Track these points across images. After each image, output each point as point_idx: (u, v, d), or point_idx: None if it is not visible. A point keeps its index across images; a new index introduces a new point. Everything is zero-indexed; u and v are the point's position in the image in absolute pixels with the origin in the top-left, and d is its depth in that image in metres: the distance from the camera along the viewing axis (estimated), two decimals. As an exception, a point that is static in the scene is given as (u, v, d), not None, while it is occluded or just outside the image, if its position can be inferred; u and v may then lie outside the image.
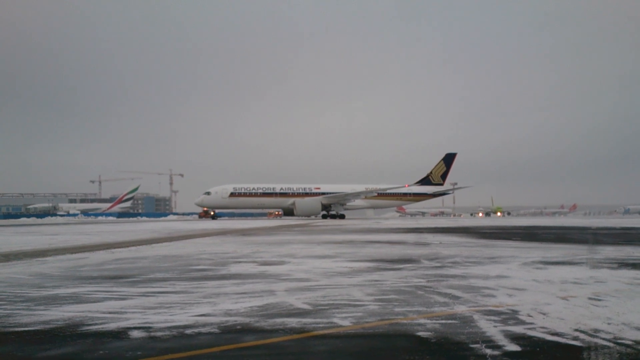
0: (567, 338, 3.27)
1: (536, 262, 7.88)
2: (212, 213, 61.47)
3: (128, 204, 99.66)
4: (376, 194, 57.49)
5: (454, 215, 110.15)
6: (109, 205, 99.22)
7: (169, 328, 3.60)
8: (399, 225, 29.07)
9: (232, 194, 52.03)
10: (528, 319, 3.81)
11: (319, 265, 7.65)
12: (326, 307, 4.32)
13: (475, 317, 3.91)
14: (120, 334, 3.46)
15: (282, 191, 54.04)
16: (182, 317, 3.98)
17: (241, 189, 52.75)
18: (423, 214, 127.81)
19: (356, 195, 55.69)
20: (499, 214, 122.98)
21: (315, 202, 52.57)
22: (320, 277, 6.29)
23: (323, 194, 54.07)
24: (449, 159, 62.42)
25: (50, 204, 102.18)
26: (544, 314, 4.00)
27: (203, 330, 3.56)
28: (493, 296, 4.84)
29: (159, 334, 3.46)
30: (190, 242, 13.61)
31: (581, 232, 19.71)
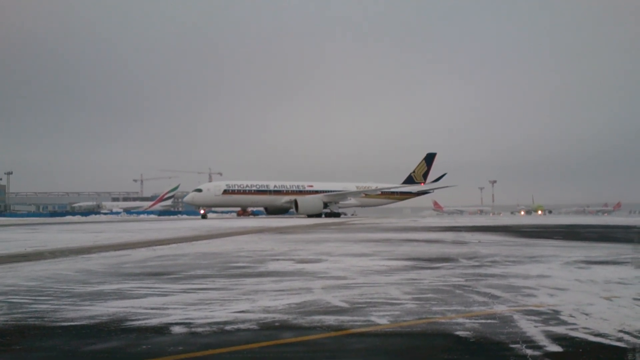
0: (610, 339, 3.19)
1: (579, 262, 7.66)
2: (249, 212, 61.84)
3: (169, 202, 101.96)
4: (380, 193, 57.38)
5: (493, 214, 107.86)
6: (150, 203, 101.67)
7: (209, 324, 3.68)
8: (436, 224, 28.68)
9: (225, 191, 50.05)
10: (570, 320, 3.72)
11: (355, 263, 7.66)
12: (363, 305, 4.33)
13: (516, 317, 3.84)
14: (162, 330, 3.54)
15: (275, 189, 52.63)
16: (221, 313, 4.05)
17: (234, 186, 50.92)
18: (461, 212, 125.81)
19: (356, 194, 55.30)
20: (539, 212, 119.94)
21: (317, 201, 51.55)
22: (357, 275, 6.30)
23: (316, 191, 53.04)
24: (429, 158, 62.98)
25: (94, 203, 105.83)
26: (587, 314, 3.90)
27: (242, 326, 3.61)
28: (534, 296, 4.75)
29: (199, 329, 3.53)
30: (229, 240, 13.81)
31: (626, 231, 19.01)
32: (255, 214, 60.95)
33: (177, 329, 3.55)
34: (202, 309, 4.25)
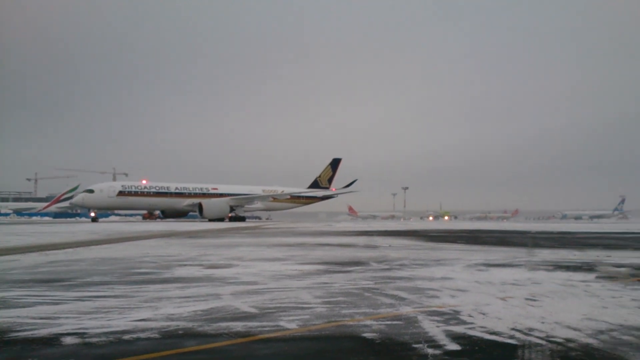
0: (503, 337, 3.38)
1: (479, 264, 8.13)
2: (156, 215, 59.07)
3: (66, 203, 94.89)
4: (289, 197, 57.76)
5: (404, 219, 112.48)
6: (45, 204, 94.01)
7: (106, 334, 3.46)
8: (350, 228, 29.32)
9: (120, 193, 46.83)
10: (469, 319, 3.91)
11: (267, 268, 7.57)
12: (273, 311, 4.27)
13: (420, 317, 3.97)
14: (52, 341, 3.29)
15: (177, 191, 50.33)
16: (120, 322, 3.83)
17: (131, 187, 48.01)
18: (375, 217, 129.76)
19: (265, 197, 55.05)
20: (446, 218, 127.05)
21: (223, 204, 50.33)
22: (268, 280, 6.22)
23: (221, 194, 51.92)
24: (335, 163, 64.91)
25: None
26: (484, 314, 4.12)
27: (142, 335, 3.43)
28: (437, 297, 4.94)
29: (94, 340, 3.31)
30: (133, 245, 13.19)
31: (521, 235, 20.52)
32: (161, 217, 58.27)
33: (68, 340, 3.30)
34: (98, 318, 3.99)
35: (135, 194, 47.97)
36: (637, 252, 10.88)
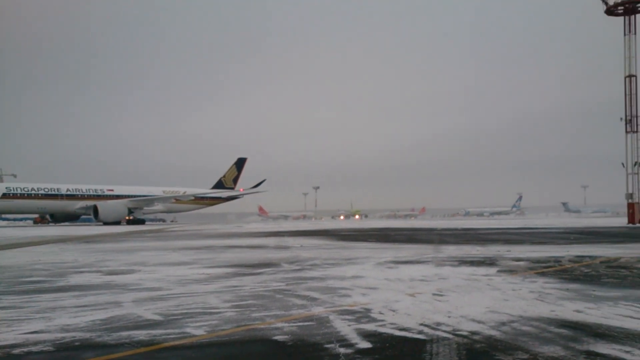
0: (413, 332, 3.46)
1: (388, 262, 8.36)
2: (48, 219, 54.50)
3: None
4: (193, 198, 56.43)
5: (316, 219, 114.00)
6: None
7: None
8: (260, 229, 29.12)
9: (4, 195, 44.06)
10: (379, 317, 3.97)
11: (173, 272, 7.26)
12: (179, 317, 4.07)
13: (331, 317, 3.97)
14: None
15: (69, 193, 47.89)
16: (8, 335, 3.51)
17: (17, 189, 45.26)
18: (286, 217, 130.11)
19: (166, 199, 53.63)
20: (357, 216, 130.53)
21: (121, 206, 48.46)
22: (174, 285, 5.95)
23: (117, 196, 50.15)
24: (240, 163, 63.95)
25: None
26: (394, 310, 4.20)
27: (34, 349, 3.16)
28: (348, 296, 4.99)
29: None
30: (22, 251, 12.18)
31: (428, 232, 21.56)
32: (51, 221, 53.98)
33: (-55, 359, 2.94)
34: (-19, 332, 3.59)
35: (22, 196, 44.60)
36: (534, 247, 11.80)
